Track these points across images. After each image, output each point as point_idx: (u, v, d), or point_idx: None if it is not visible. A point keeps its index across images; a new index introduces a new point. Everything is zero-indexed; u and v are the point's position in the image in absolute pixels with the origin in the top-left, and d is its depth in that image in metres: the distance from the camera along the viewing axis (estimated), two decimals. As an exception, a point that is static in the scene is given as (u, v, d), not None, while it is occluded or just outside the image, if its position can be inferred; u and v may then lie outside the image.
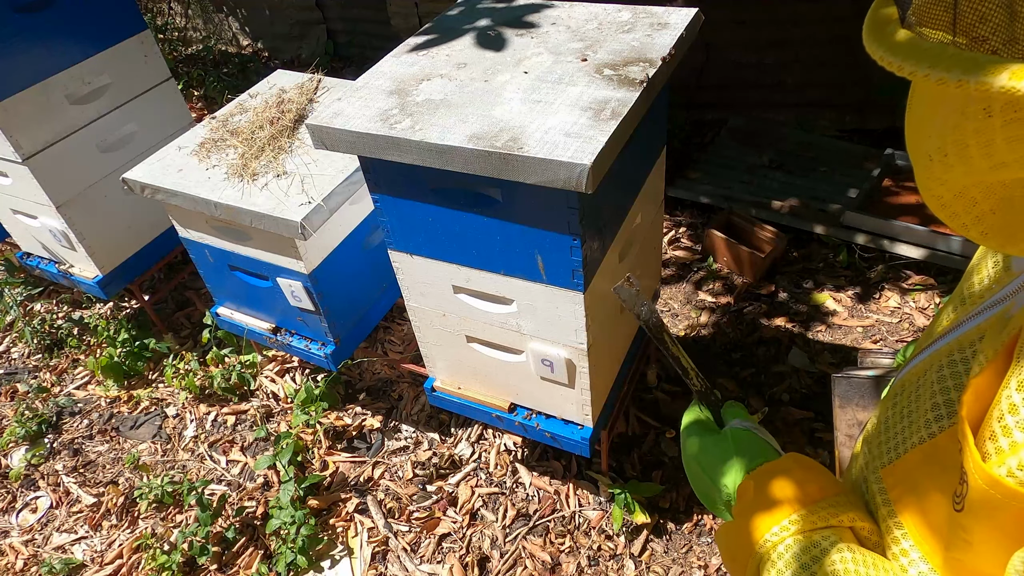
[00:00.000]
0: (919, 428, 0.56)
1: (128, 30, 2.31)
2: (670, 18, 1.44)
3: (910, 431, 0.58)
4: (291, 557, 1.92)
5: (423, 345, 1.73)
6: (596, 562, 1.88)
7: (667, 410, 2.20)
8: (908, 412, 0.59)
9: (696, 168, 2.99)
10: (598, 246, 1.35)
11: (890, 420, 0.62)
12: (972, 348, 0.54)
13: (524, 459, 2.15)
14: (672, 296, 2.60)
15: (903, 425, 0.59)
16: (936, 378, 0.56)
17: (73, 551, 2.13)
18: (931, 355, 0.59)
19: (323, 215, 1.67)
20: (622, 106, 1.18)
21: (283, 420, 2.40)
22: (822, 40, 3.01)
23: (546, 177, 1.10)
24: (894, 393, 0.65)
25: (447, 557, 1.95)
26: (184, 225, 1.93)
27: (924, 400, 0.57)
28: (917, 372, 0.61)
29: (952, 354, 0.55)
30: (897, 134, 3.08)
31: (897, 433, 0.60)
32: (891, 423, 0.62)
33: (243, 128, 1.91)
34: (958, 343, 0.56)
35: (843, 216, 2.58)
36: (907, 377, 0.63)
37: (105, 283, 2.44)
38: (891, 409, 0.63)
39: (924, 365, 0.60)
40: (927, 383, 0.57)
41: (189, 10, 4.88)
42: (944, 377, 0.55)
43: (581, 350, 1.46)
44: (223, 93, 4.07)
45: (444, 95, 1.29)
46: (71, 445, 2.44)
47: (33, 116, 2.11)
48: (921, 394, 0.58)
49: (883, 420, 0.64)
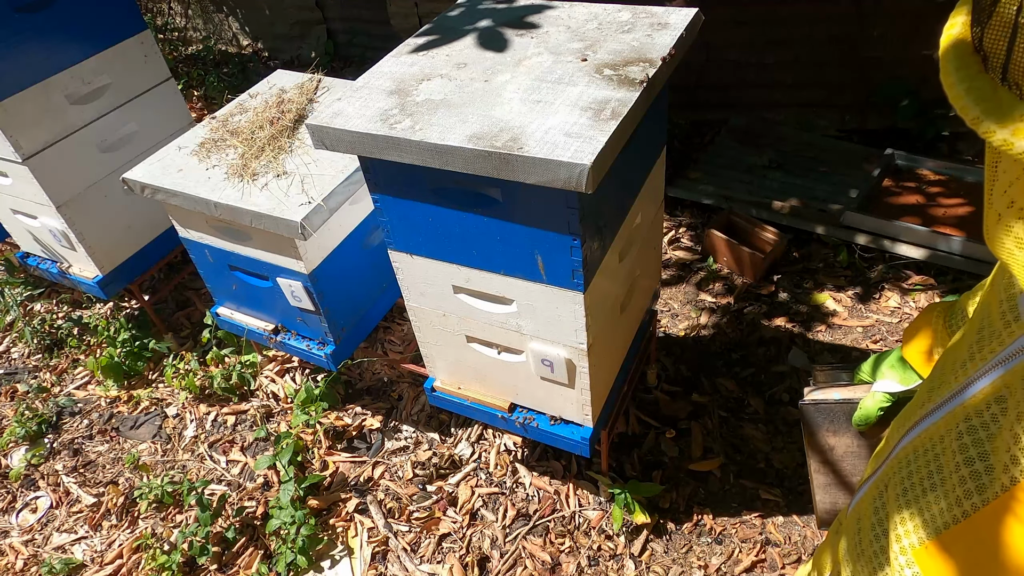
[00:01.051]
0: (951, 506, 0.52)
1: (128, 30, 2.31)
2: (670, 18, 1.44)
3: (939, 508, 0.54)
4: (291, 557, 1.92)
5: (423, 345, 1.73)
6: (596, 562, 1.88)
7: (667, 410, 2.20)
8: (932, 485, 0.55)
9: (696, 168, 2.99)
10: (598, 246, 1.35)
11: (910, 493, 0.58)
12: (990, 411, 0.50)
13: (524, 459, 2.15)
14: (672, 296, 2.60)
15: (928, 500, 0.55)
16: (957, 447, 0.52)
17: (73, 551, 2.13)
18: (944, 417, 0.56)
19: (323, 215, 1.67)
20: (622, 106, 1.18)
21: (283, 420, 2.40)
22: (822, 40, 3.01)
23: (546, 177, 1.10)
24: (906, 459, 0.60)
25: (447, 557, 1.95)
26: (184, 225, 1.93)
27: (948, 473, 0.53)
28: (931, 436, 0.57)
29: (969, 418, 0.52)
30: (897, 134, 3.08)
31: (923, 509, 0.56)
32: (912, 496, 0.57)
33: (243, 128, 1.91)
34: (973, 406, 0.52)
35: (843, 216, 2.58)
36: (920, 441, 0.59)
37: (105, 283, 2.44)
38: (907, 480, 0.59)
39: (938, 430, 0.56)
40: (946, 451, 0.54)
41: (189, 10, 4.88)
42: (966, 446, 0.51)
43: (581, 350, 1.46)
44: (223, 93, 4.07)
45: (444, 95, 1.29)
46: (71, 445, 2.44)
47: (33, 116, 2.11)
48: (943, 464, 0.54)
49: (899, 489, 0.60)
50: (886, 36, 2.91)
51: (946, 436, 0.54)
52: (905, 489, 0.59)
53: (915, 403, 0.66)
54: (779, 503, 1.94)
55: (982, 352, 0.53)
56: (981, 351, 0.54)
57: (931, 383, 0.63)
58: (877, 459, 0.72)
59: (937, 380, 0.61)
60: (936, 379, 0.62)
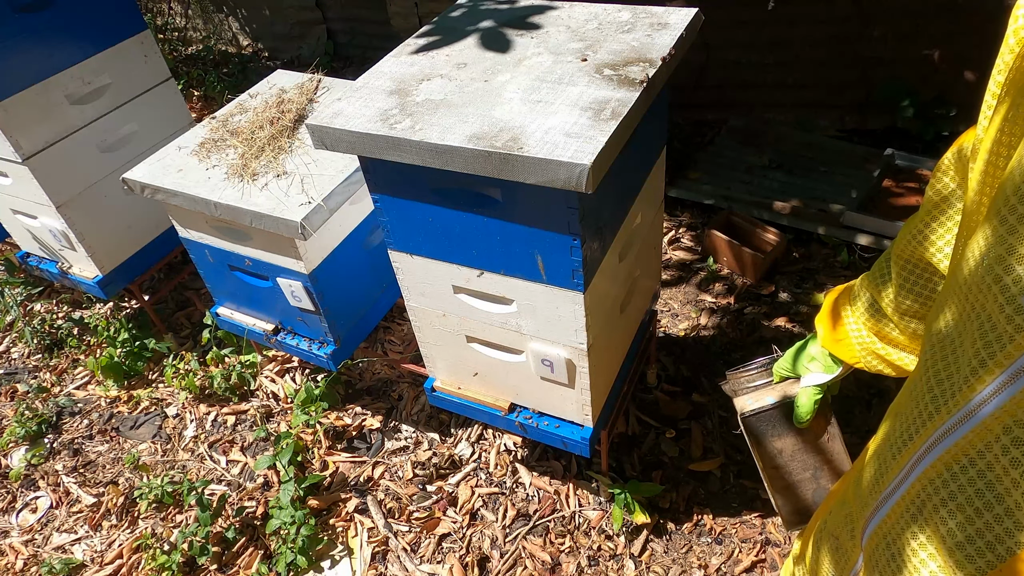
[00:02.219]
0: (1012, 532, 0.48)
1: (128, 30, 2.31)
2: (670, 18, 1.44)
3: (1003, 528, 0.49)
4: (291, 557, 1.92)
5: (423, 345, 1.73)
6: (596, 562, 1.88)
7: (667, 410, 2.20)
8: (987, 505, 0.50)
9: (696, 168, 2.99)
10: (598, 246, 1.35)
11: (959, 514, 0.53)
12: None
13: (524, 459, 2.15)
14: (672, 296, 2.60)
15: (986, 520, 0.50)
16: (1008, 462, 0.48)
17: (73, 551, 2.13)
18: (977, 430, 0.51)
19: (323, 215, 1.67)
20: (622, 106, 1.18)
21: (283, 420, 2.40)
22: (822, 40, 3.01)
23: (546, 177, 1.10)
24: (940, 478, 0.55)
25: (447, 557, 1.95)
26: (184, 225, 1.93)
27: (1006, 489, 0.49)
28: (967, 452, 0.53)
29: (1011, 430, 0.48)
30: (897, 134, 3.08)
31: (983, 532, 0.51)
32: (965, 518, 0.52)
33: (243, 128, 1.91)
34: (1009, 414, 0.48)
35: (843, 216, 2.58)
36: (954, 457, 0.54)
37: (105, 283, 2.44)
38: (950, 501, 0.54)
39: (974, 443, 0.52)
40: (995, 467, 0.49)
41: (189, 10, 4.88)
42: (1018, 461, 0.47)
43: (581, 350, 1.46)
44: (223, 93, 4.07)
45: (444, 95, 1.29)
46: (71, 445, 2.44)
47: (33, 116, 2.11)
48: (996, 481, 0.50)
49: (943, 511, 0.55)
50: (886, 36, 2.91)
51: (986, 451, 0.51)
52: (952, 511, 0.54)
53: (911, 406, 0.61)
54: (779, 503, 1.94)
55: (995, 359, 0.50)
56: (994, 357, 0.50)
57: (930, 390, 0.58)
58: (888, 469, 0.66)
59: (938, 388, 0.57)
60: (935, 382, 0.58)
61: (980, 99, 0.58)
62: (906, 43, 2.91)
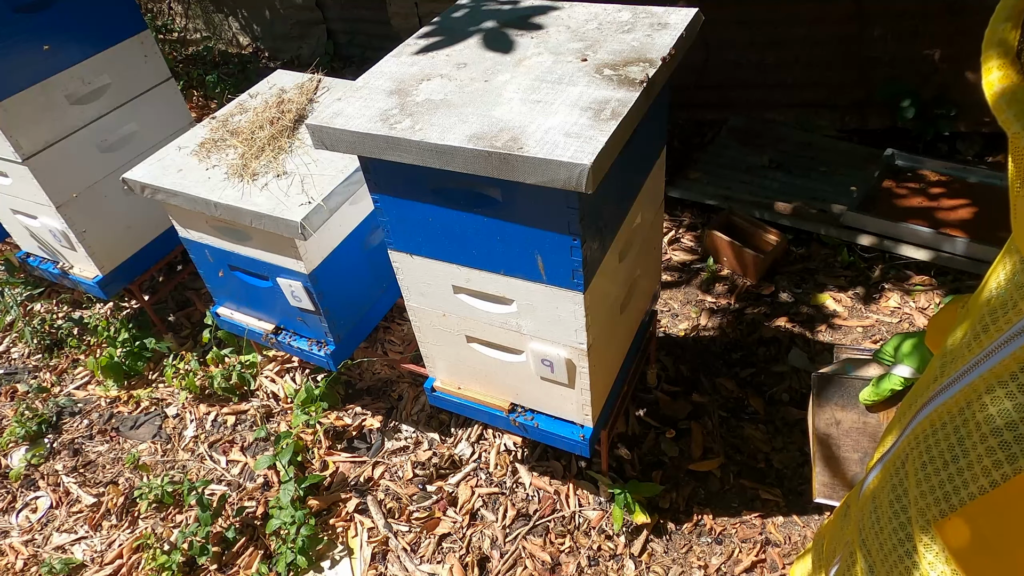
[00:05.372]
0: (977, 477, 0.52)
1: (128, 30, 2.31)
2: (670, 18, 1.44)
3: (962, 479, 0.53)
4: (291, 557, 1.92)
5: (423, 345, 1.73)
6: (596, 562, 1.88)
7: (667, 410, 2.20)
8: (954, 457, 0.55)
9: (696, 168, 2.99)
10: (598, 246, 1.35)
11: (930, 466, 0.57)
12: (1016, 381, 0.50)
13: (524, 459, 2.15)
14: (672, 296, 2.60)
15: (950, 473, 0.55)
16: (982, 418, 0.52)
17: (73, 551, 2.13)
18: (963, 390, 0.55)
19: (323, 215, 1.67)
20: (622, 106, 1.18)
21: (283, 420, 2.40)
22: (822, 40, 3.01)
23: (546, 177, 1.10)
24: (923, 434, 0.60)
25: (447, 557, 1.95)
26: (184, 225, 1.93)
27: (972, 444, 0.53)
28: (949, 410, 0.57)
29: (993, 388, 0.52)
30: (897, 134, 3.08)
31: (946, 482, 0.55)
32: (933, 469, 0.57)
33: (243, 128, 1.91)
34: (996, 377, 0.52)
35: (843, 216, 2.58)
36: (937, 415, 0.59)
37: (105, 283, 2.44)
38: (927, 454, 0.59)
39: (957, 403, 0.56)
40: (969, 423, 0.53)
41: (189, 10, 4.88)
42: (991, 417, 0.51)
43: (581, 350, 1.46)
44: (223, 93, 4.07)
45: (444, 95, 1.29)
46: (71, 445, 2.44)
47: (33, 116, 2.11)
48: (966, 436, 0.54)
49: (918, 464, 0.59)
50: (886, 36, 2.91)
51: (967, 408, 0.54)
52: (924, 463, 0.59)
53: (925, 380, 0.66)
54: (779, 503, 1.94)
55: (997, 324, 0.53)
56: (996, 323, 0.54)
57: (942, 359, 0.63)
58: (886, 441, 0.73)
59: (949, 356, 0.62)
60: (948, 355, 0.62)
61: (980, 99, 0.59)
62: (906, 43, 2.90)
